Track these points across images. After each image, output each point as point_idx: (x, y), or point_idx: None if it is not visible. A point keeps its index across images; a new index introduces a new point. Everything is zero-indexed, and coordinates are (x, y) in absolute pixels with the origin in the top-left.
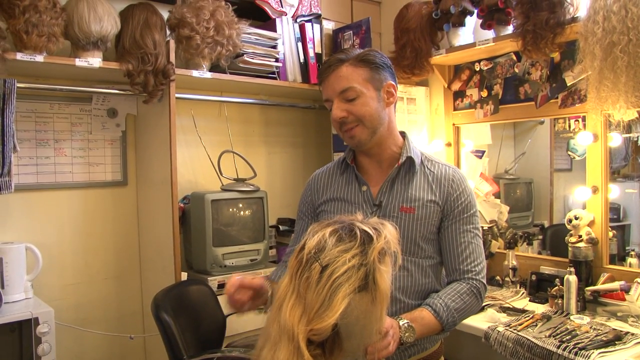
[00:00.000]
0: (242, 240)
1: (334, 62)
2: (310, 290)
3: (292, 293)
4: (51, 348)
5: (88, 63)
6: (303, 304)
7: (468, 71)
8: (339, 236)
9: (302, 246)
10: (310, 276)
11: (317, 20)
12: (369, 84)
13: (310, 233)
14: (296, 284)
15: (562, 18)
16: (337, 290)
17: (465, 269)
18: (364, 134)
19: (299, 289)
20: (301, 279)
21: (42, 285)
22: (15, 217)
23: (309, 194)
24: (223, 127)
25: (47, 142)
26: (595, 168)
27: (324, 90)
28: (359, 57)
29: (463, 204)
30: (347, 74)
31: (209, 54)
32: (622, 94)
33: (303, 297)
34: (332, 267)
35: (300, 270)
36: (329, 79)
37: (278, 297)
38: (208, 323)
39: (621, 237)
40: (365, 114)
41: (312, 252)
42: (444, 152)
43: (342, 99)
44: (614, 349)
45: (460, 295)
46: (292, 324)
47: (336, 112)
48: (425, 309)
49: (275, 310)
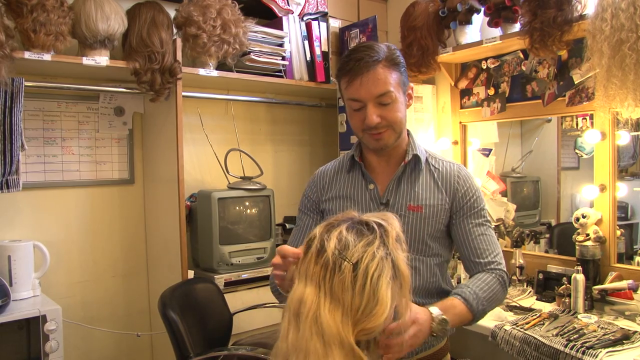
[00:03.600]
0: (249, 239)
1: (370, 59)
2: (347, 291)
3: (324, 300)
4: (59, 345)
5: (95, 62)
6: (341, 307)
7: (475, 69)
8: (358, 231)
9: (320, 250)
10: (343, 277)
11: (324, 19)
12: (400, 88)
13: (318, 237)
14: (327, 289)
15: (570, 15)
16: (379, 284)
17: (486, 261)
18: (392, 138)
19: (331, 293)
20: (332, 283)
21: (50, 283)
22: (23, 215)
23: (314, 190)
24: (230, 125)
25: (55, 140)
26: (602, 166)
27: (354, 90)
28: (389, 57)
29: (471, 200)
30: (385, 77)
31: (215, 53)
32: (631, 92)
33: (340, 300)
34: (364, 262)
35: (328, 275)
36: (364, 78)
37: (307, 310)
38: (215, 321)
39: (629, 236)
40: (397, 120)
41: (337, 253)
42: (451, 151)
43: (378, 103)
44: (621, 348)
45: (488, 284)
46: (339, 329)
47: (372, 118)
48: (455, 298)
49: (309, 324)
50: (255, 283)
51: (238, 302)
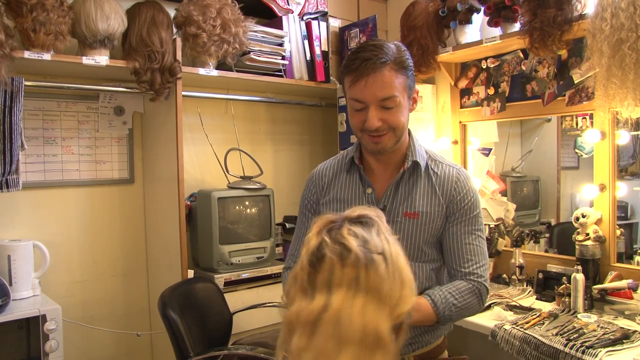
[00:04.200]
0: (249, 238)
1: (377, 61)
2: (385, 280)
3: (355, 299)
4: (58, 345)
5: (95, 61)
6: (376, 300)
7: (475, 69)
8: (362, 224)
9: (342, 253)
10: (377, 269)
11: (324, 18)
12: (405, 93)
13: (330, 243)
14: (362, 287)
15: (570, 15)
16: (403, 268)
17: (467, 270)
18: (391, 141)
19: (367, 289)
20: (368, 279)
21: (50, 282)
22: (23, 215)
23: (313, 190)
24: (229, 124)
25: (55, 140)
26: (602, 166)
27: (358, 91)
28: (398, 60)
29: (467, 205)
30: (391, 80)
31: (215, 52)
32: (630, 92)
33: (376, 292)
34: (388, 251)
35: (363, 272)
36: (369, 80)
37: (329, 316)
38: (214, 320)
39: (629, 235)
40: (399, 124)
41: (364, 248)
42: (451, 150)
43: (381, 106)
44: (621, 347)
45: (461, 292)
46: (375, 325)
47: (373, 122)
48: (423, 298)
49: (329, 327)
50: (255, 282)
51: (238, 301)
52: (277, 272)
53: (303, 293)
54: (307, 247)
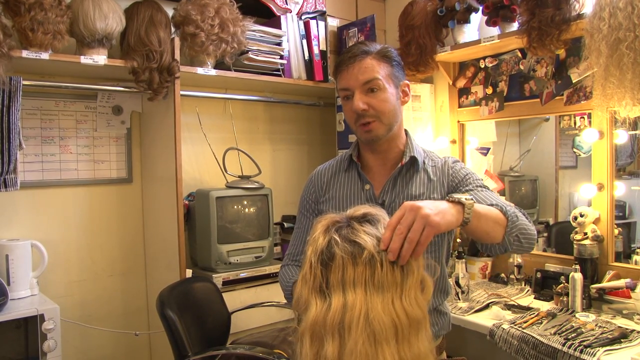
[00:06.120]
0: (247, 238)
1: (359, 52)
2: (397, 275)
3: (373, 296)
4: (57, 344)
5: (93, 60)
6: (398, 292)
7: (473, 68)
8: (371, 222)
9: (354, 253)
10: (392, 265)
11: (322, 18)
12: (390, 80)
13: (340, 243)
14: (377, 284)
15: (568, 15)
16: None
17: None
18: (381, 129)
19: (382, 285)
20: (383, 274)
21: (48, 282)
22: (21, 214)
23: (312, 190)
24: (228, 124)
25: (53, 139)
26: (600, 165)
27: (344, 80)
28: (381, 52)
29: (468, 177)
30: (372, 66)
31: (213, 52)
32: (628, 91)
33: (392, 286)
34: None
35: (377, 269)
36: (352, 68)
37: (357, 316)
38: (213, 320)
39: (627, 235)
40: (385, 110)
41: (377, 245)
42: (449, 150)
43: (365, 90)
44: (619, 346)
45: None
46: (404, 314)
47: (357, 104)
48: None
49: (361, 329)
50: (253, 282)
51: (236, 301)
52: (276, 271)
53: (317, 293)
54: (315, 246)
